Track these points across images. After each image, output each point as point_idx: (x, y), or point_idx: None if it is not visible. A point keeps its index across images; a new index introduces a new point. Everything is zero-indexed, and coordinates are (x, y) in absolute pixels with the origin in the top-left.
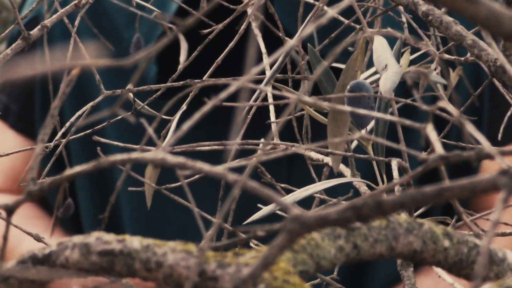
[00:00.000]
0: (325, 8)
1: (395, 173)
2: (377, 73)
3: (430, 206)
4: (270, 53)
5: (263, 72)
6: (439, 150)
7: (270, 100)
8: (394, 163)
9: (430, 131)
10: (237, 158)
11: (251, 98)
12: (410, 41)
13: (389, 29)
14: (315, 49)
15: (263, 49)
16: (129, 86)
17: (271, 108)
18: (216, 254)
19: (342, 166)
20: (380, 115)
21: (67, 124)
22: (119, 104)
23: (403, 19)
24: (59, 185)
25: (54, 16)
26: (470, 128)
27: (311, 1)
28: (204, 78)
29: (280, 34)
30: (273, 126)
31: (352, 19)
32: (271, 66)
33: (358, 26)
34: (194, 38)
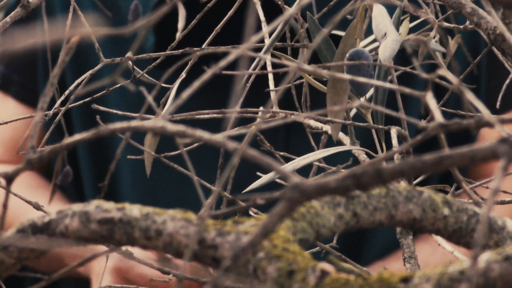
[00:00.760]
0: None
1: (395, 141)
2: (376, 41)
3: (429, 175)
4: (269, 21)
5: (262, 40)
6: (439, 118)
7: (269, 68)
8: (394, 131)
9: (430, 99)
10: (236, 126)
11: (250, 66)
12: (409, 9)
13: None
14: (314, 17)
15: (262, 17)
16: (128, 54)
17: (270, 76)
18: (215, 223)
19: (341, 134)
20: (379, 83)
21: (66, 92)
22: (119, 72)
23: None
24: (59, 153)
25: None
26: (469, 96)
27: None
28: (203, 46)
29: (279, 2)
30: (272, 94)
31: None
32: (270, 34)
33: None
34: (192, 7)
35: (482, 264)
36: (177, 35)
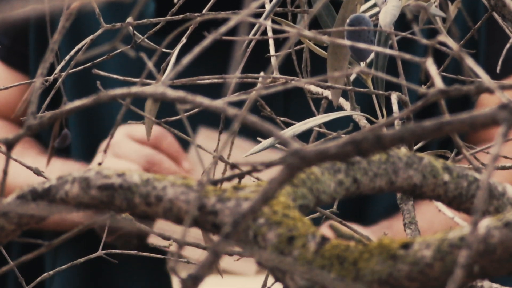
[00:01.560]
0: None
1: (395, 107)
2: (376, 6)
3: (429, 141)
4: None
5: (263, 6)
6: (439, 84)
7: (269, 34)
8: (394, 97)
9: (430, 65)
10: (236, 92)
11: (251, 32)
12: None
13: None
14: None
15: None
16: (128, 19)
17: (271, 42)
18: (215, 189)
19: (341, 100)
20: (379, 49)
21: (66, 57)
22: (119, 38)
23: None
24: (59, 119)
25: None
26: (469, 62)
27: None
28: (203, 12)
29: None
30: (272, 60)
31: None
32: (271, 0)
33: None
34: None
35: (482, 230)
36: (176, 0)
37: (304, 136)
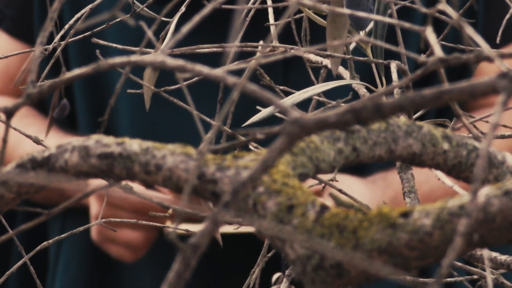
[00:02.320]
0: None
1: (394, 75)
2: None
3: (428, 109)
4: None
5: None
6: (438, 52)
7: (269, 2)
8: (393, 66)
9: (429, 34)
10: (236, 61)
11: (250, 0)
12: None
13: None
14: None
15: None
16: None
17: (270, 10)
18: (215, 157)
19: (341, 69)
20: (379, 18)
21: (66, 26)
22: (119, 6)
23: None
24: (58, 87)
25: None
26: (469, 30)
27: None
28: None
29: None
30: (272, 28)
31: None
32: None
33: None
34: None
35: (481, 198)
36: None
37: (303, 104)
